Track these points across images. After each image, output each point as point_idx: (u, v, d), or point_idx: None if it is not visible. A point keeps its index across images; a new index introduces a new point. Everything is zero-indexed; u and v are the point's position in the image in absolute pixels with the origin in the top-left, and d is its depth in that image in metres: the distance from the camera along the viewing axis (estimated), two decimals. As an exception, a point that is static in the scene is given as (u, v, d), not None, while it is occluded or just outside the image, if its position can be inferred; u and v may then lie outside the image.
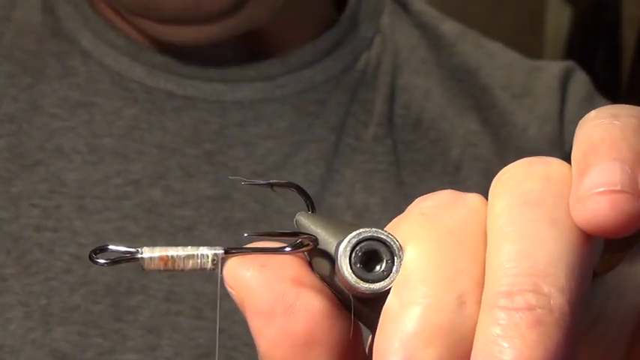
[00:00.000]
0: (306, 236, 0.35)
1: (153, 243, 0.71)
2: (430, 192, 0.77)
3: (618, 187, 0.32)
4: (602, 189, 0.32)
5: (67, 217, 0.71)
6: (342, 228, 0.34)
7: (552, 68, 0.84)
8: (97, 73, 0.75)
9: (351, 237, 0.33)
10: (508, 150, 0.79)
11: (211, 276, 0.70)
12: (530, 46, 2.48)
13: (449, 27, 0.85)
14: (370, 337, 0.35)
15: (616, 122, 0.34)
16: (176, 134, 0.74)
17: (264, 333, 0.34)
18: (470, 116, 0.80)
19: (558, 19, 2.59)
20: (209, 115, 0.74)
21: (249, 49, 0.76)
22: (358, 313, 0.34)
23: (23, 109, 0.74)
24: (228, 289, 0.35)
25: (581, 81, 0.84)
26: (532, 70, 0.84)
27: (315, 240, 0.34)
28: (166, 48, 0.75)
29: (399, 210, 0.35)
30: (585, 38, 2.42)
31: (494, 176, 0.35)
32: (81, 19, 0.77)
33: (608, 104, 0.84)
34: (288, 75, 0.76)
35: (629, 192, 0.32)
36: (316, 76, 0.77)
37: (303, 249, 0.34)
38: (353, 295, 0.34)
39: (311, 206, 0.37)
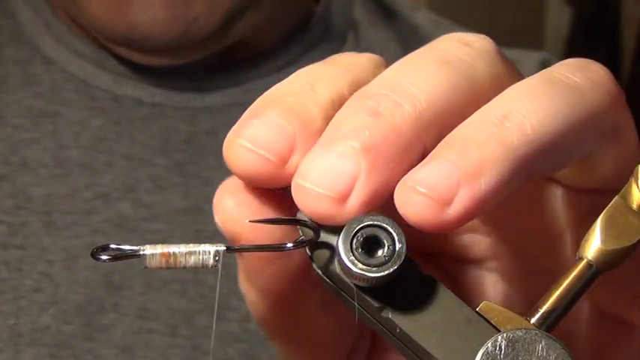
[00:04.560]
0: (307, 223, 0.35)
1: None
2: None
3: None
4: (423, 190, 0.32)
5: (34, 233, 0.68)
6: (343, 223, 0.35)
7: (528, 62, 0.80)
8: (61, 81, 0.71)
9: (352, 223, 0.34)
10: None
11: (185, 292, 0.68)
12: (530, 45, 2.48)
13: (422, 17, 0.81)
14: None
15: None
16: (145, 144, 0.70)
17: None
18: None
19: (558, 19, 2.59)
20: (179, 123, 0.71)
21: (221, 54, 0.72)
22: (361, 304, 0.34)
23: None
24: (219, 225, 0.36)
25: None
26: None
27: (316, 229, 0.34)
28: (132, 55, 0.71)
29: None
30: (585, 38, 2.43)
31: None
32: (42, 23, 0.73)
33: None
34: (259, 79, 0.72)
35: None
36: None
37: (305, 244, 0.35)
38: (355, 285, 0.34)
39: None
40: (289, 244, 0.35)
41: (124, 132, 0.71)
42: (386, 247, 0.33)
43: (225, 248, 0.35)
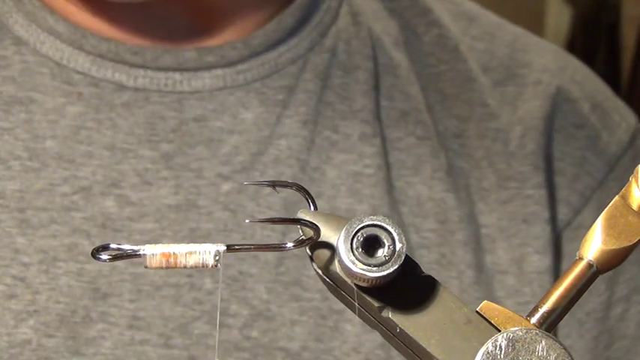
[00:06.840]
0: (307, 223, 0.35)
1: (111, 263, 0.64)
2: (420, 197, 0.76)
3: None
4: None
5: (7, 233, 0.64)
6: (344, 222, 0.35)
7: (544, 58, 0.74)
8: (34, 64, 0.67)
9: (352, 222, 0.34)
10: (486, 168, 0.71)
11: (179, 297, 0.64)
12: (530, 46, 2.48)
13: None
14: None
15: None
16: (129, 133, 0.66)
17: None
18: (452, 109, 0.71)
19: (558, 19, 2.59)
20: (164, 110, 0.66)
21: (207, 34, 0.68)
22: (362, 304, 0.34)
23: None
24: None
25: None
26: (517, 48, 0.75)
27: (317, 229, 0.34)
28: (112, 33, 0.67)
29: None
30: (585, 38, 2.43)
31: (472, 194, 0.35)
32: (11, 0, 0.68)
33: None
34: (251, 59, 0.68)
35: None
36: (281, 57, 0.68)
37: (306, 243, 0.35)
38: (356, 285, 0.34)
39: (313, 205, 0.37)
40: (289, 244, 0.35)
41: (105, 120, 0.66)
42: (386, 247, 0.33)
43: (225, 248, 0.35)
